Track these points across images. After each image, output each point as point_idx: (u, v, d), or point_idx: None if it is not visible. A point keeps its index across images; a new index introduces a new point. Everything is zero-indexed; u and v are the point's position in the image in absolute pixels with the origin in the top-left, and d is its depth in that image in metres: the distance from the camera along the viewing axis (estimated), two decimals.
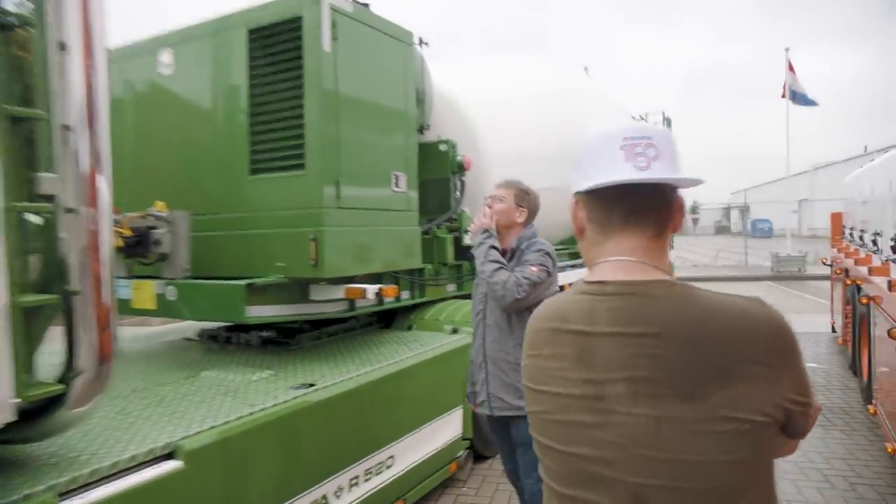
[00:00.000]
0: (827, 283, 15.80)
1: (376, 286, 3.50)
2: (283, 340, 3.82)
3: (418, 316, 4.47)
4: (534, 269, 2.58)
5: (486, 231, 2.71)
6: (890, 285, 3.79)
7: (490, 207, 2.80)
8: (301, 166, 3.26)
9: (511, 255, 2.72)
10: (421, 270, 4.41)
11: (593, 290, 1.04)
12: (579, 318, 1.03)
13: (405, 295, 4.33)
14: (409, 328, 4.39)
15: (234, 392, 2.71)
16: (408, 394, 3.39)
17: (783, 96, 18.37)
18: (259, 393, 2.70)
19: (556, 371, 1.03)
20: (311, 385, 2.83)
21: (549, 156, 5.98)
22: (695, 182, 1.02)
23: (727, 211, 71.82)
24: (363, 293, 3.42)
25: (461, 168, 4.78)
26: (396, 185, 3.83)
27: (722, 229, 70.80)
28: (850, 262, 6.69)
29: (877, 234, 5.22)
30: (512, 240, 2.76)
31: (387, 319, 4.58)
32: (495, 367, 2.69)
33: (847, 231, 8.25)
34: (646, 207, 1.05)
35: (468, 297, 4.93)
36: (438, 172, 4.81)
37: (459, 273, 4.91)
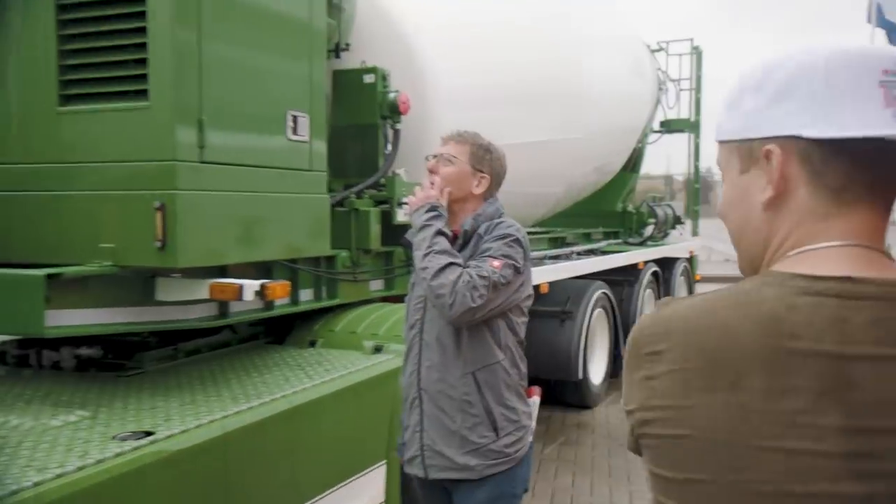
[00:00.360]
0: None
1: (257, 282, 3.34)
2: (113, 362, 3.64)
3: (326, 327, 4.37)
4: (496, 263, 2.48)
5: (431, 209, 2.59)
6: None
7: (434, 172, 2.67)
8: (142, 94, 3.12)
9: (464, 242, 2.63)
10: (331, 260, 4.28)
11: (833, 290, 0.96)
12: (820, 332, 0.93)
13: (306, 295, 4.22)
14: (313, 344, 4.29)
15: (15, 449, 2.50)
16: (304, 445, 3.28)
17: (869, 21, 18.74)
18: (57, 449, 2.50)
19: (782, 415, 0.92)
20: (149, 434, 2.67)
21: (527, 100, 5.99)
22: None
23: None
24: (237, 292, 3.27)
25: (395, 111, 4.70)
26: (294, 132, 3.70)
27: None
28: None
29: None
30: (466, 219, 2.65)
31: (280, 331, 4.49)
32: (434, 406, 2.60)
33: None
34: None
35: (402, 299, 4.82)
36: (360, 116, 4.73)
37: (388, 264, 4.81)
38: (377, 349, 4.09)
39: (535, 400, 2.80)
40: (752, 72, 1.06)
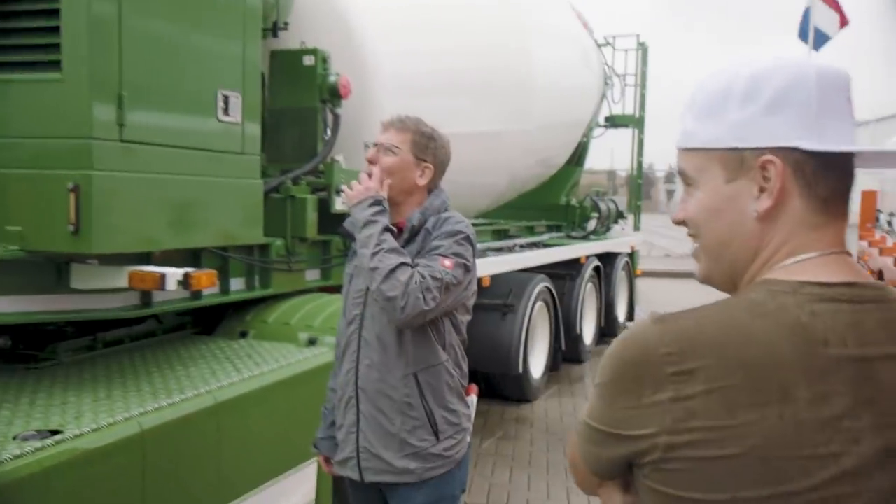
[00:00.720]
0: None
1: (180, 270, 3.15)
2: (24, 353, 3.43)
3: (258, 317, 4.22)
4: (447, 263, 2.36)
5: (375, 202, 2.44)
6: None
7: (374, 163, 2.51)
8: (54, 66, 2.93)
9: (410, 238, 2.48)
10: (265, 248, 4.12)
11: (846, 296, 1.01)
12: (843, 336, 0.98)
13: (237, 285, 4.08)
14: (243, 335, 4.15)
15: None
16: (231, 442, 3.13)
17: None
18: None
19: (828, 422, 0.95)
20: (55, 433, 2.49)
21: (475, 88, 5.87)
22: None
23: None
24: (158, 281, 3.09)
25: (335, 94, 4.54)
26: (225, 112, 3.53)
27: None
28: (887, 262, 6.95)
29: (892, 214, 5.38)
30: (412, 213, 2.51)
31: (209, 322, 4.33)
32: (372, 406, 2.47)
33: (884, 218, 8.61)
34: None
35: (339, 290, 4.67)
36: (298, 98, 4.59)
37: (326, 253, 4.67)
38: (311, 342, 3.96)
39: (473, 398, 2.68)
40: (733, 81, 1.06)
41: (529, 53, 6.73)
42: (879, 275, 7.55)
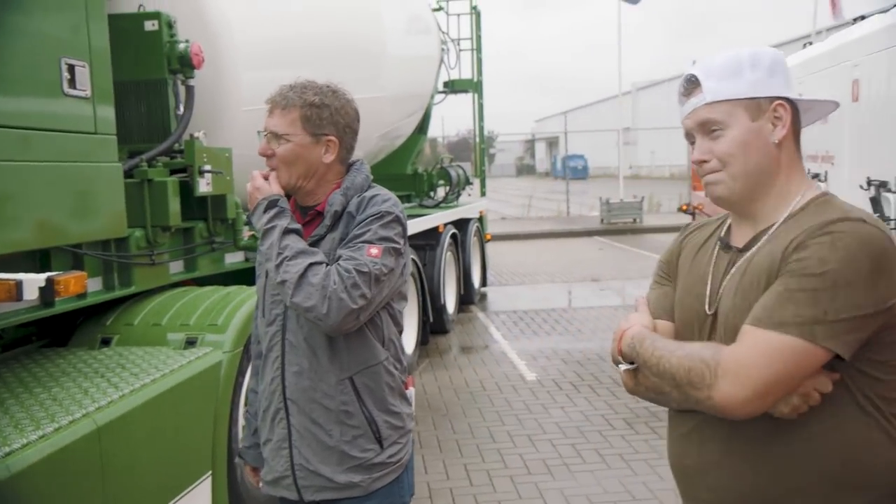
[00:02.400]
0: (668, 237, 17.78)
1: (42, 275, 2.65)
2: None
3: (121, 320, 3.76)
4: (374, 251, 2.05)
5: (269, 205, 2.09)
6: None
7: (268, 156, 2.15)
8: None
9: (333, 224, 2.14)
10: (122, 241, 3.66)
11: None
12: None
13: (94, 285, 3.58)
14: (106, 343, 3.67)
15: None
16: (116, 470, 2.73)
17: None
18: None
19: None
20: None
21: (330, 55, 5.52)
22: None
23: (531, 145, 78.20)
24: (14, 290, 2.57)
25: (187, 64, 4.08)
26: (72, 86, 3.00)
27: (525, 169, 77.00)
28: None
29: None
30: (333, 195, 2.16)
31: (58, 331, 3.81)
32: (305, 418, 2.15)
33: None
34: None
35: (205, 282, 4.24)
36: (143, 70, 4.13)
37: (189, 241, 4.19)
38: (190, 342, 3.53)
39: (412, 391, 2.40)
40: (739, 56, 1.59)
41: (381, 19, 6.42)
42: None
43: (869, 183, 3.63)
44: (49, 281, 2.66)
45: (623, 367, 1.64)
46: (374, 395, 2.15)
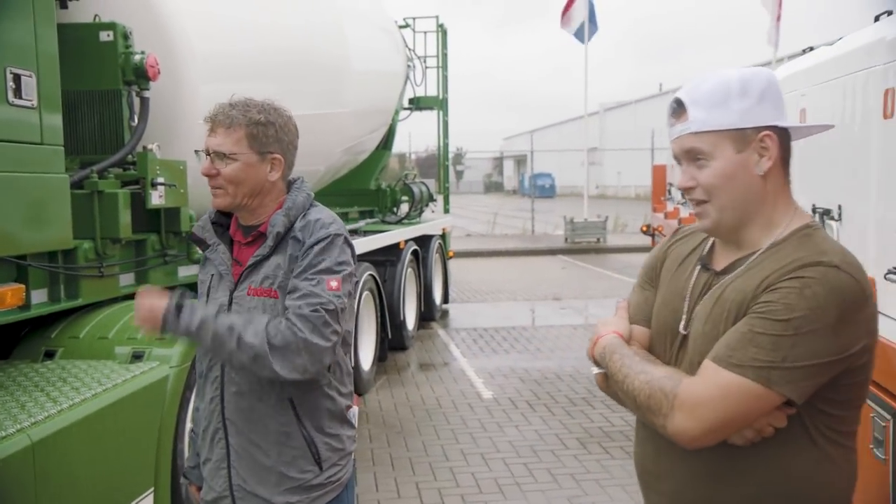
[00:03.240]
0: (631, 257, 18.20)
1: None
2: None
3: (66, 333, 3.71)
4: (333, 283, 2.02)
5: (177, 309, 2.02)
6: None
7: (212, 176, 2.10)
8: None
9: (275, 244, 2.11)
10: (69, 252, 3.61)
11: None
12: None
13: (39, 297, 3.52)
14: (50, 356, 3.62)
15: None
16: (52, 488, 2.68)
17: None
18: None
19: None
20: None
21: (291, 71, 5.52)
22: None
23: (499, 163, 78.61)
24: None
25: (142, 75, 4.07)
26: (17, 95, 2.97)
27: (493, 186, 77.34)
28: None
29: None
30: (275, 216, 2.13)
31: (3, 344, 3.73)
32: (244, 438, 2.13)
33: (674, 189, 9.13)
34: None
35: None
36: (96, 80, 4.11)
37: (141, 254, 4.15)
38: (136, 356, 3.48)
39: (355, 410, 2.38)
40: (728, 83, 1.54)
41: (343, 34, 6.43)
42: None
43: (814, 210, 3.70)
44: None
45: (595, 370, 1.70)
46: (314, 418, 2.13)
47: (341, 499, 2.21)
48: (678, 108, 1.58)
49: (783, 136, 1.55)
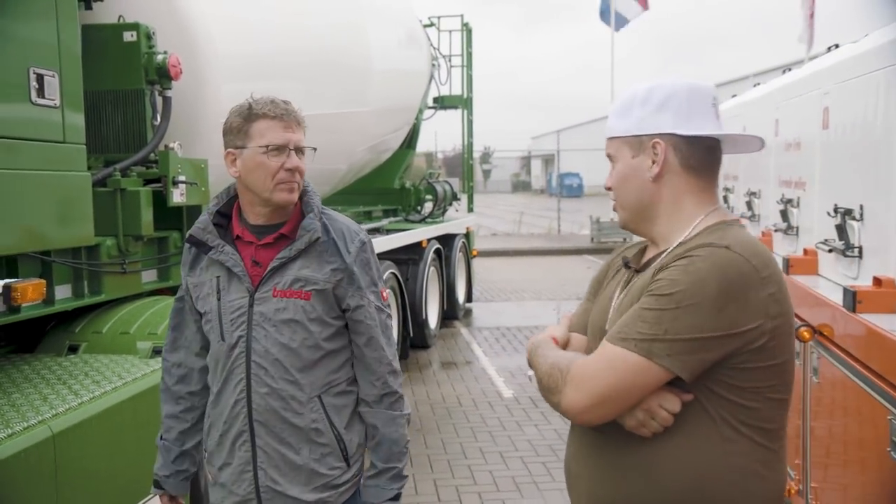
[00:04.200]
0: None
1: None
2: None
3: (90, 328, 3.77)
4: (385, 293, 2.26)
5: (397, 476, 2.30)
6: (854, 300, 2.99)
7: (301, 174, 2.14)
8: None
9: (305, 248, 2.10)
10: (93, 249, 3.67)
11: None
12: None
13: (63, 292, 3.58)
14: (74, 350, 3.69)
15: None
16: (71, 478, 2.73)
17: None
18: None
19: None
20: None
21: (313, 71, 5.56)
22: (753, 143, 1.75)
23: (527, 161, 78.38)
24: None
25: (164, 75, 4.10)
26: (41, 94, 3.02)
27: (521, 185, 77.13)
28: None
29: (752, 193, 5.59)
30: (310, 221, 2.12)
31: (27, 337, 3.81)
32: (274, 438, 2.13)
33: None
34: None
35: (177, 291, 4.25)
36: (120, 80, 4.14)
37: (163, 251, 4.19)
38: (157, 351, 3.53)
39: None
40: (637, 92, 1.65)
41: (366, 34, 6.47)
42: None
43: (835, 210, 3.66)
44: (6, 288, 2.68)
45: (529, 372, 1.74)
46: (341, 415, 2.17)
47: (358, 493, 2.24)
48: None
49: (681, 144, 1.61)
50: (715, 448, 1.51)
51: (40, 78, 3.01)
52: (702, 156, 1.63)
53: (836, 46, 4.54)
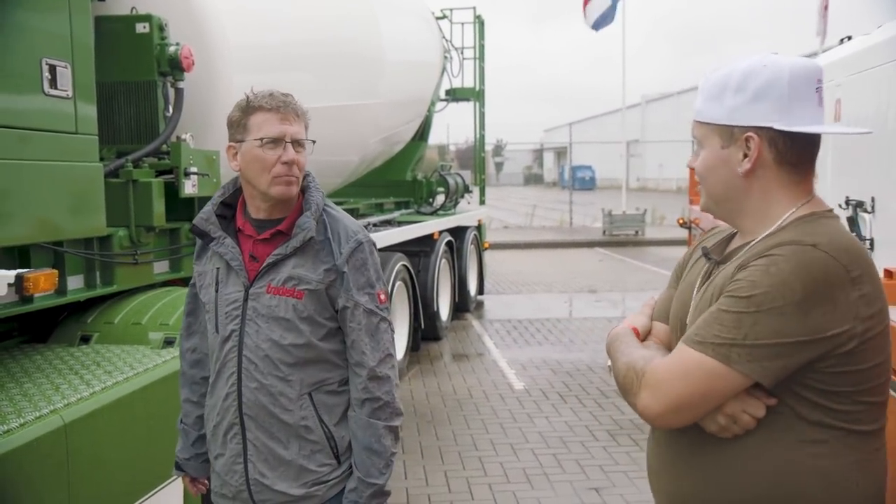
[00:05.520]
0: (669, 251, 18.01)
1: (11, 272, 2.68)
2: None
3: (102, 318, 3.78)
4: (382, 296, 2.16)
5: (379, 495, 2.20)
6: None
7: (300, 167, 2.10)
8: None
9: (300, 246, 2.09)
10: (105, 240, 3.68)
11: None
12: None
13: (75, 283, 3.59)
14: (86, 340, 3.69)
15: None
16: (83, 467, 2.74)
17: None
18: None
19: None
20: None
21: (324, 62, 5.56)
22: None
23: (539, 154, 78.22)
24: None
25: (176, 67, 4.11)
26: (53, 86, 3.04)
27: (533, 178, 77.02)
28: (723, 224, 7.26)
29: None
30: (305, 220, 2.10)
31: (40, 327, 3.82)
32: (263, 433, 2.14)
33: None
34: None
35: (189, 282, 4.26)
36: (133, 72, 4.15)
37: (175, 242, 4.22)
38: (168, 342, 3.55)
39: None
40: (730, 75, 1.51)
41: (377, 25, 6.45)
42: None
43: (847, 202, 3.63)
44: (18, 277, 2.69)
45: (608, 363, 1.69)
46: (334, 412, 2.15)
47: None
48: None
49: (778, 139, 1.48)
50: (800, 450, 1.44)
51: (53, 69, 3.02)
52: (800, 149, 1.49)
53: (849, 38, 4.50)
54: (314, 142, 2.17)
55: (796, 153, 1.49)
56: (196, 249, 2.28)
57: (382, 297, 2.15)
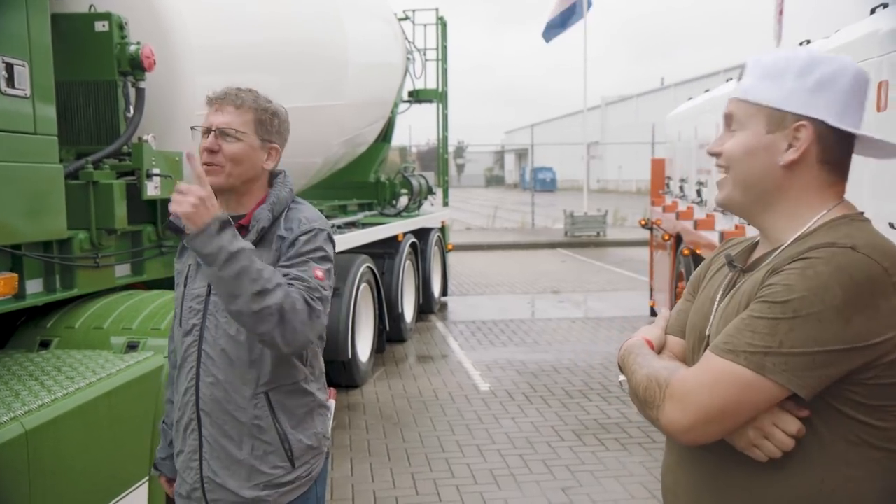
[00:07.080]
0: (630, 251, 18.20)
1: None
2: None
3: (62, 323, 3.70)
4: (319, 273, 2.03)
5: (221, 225, 1.90)
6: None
7: (215, 152, 2.05)
8: None
9: (257, 240, 2.07)
10: (65, 242, 3.60)
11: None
12: None
13: (34, 287, 3.51)
14: (45, 345, 3.61)
15: None
16: (45, 476, 2.67)
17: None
18: None
19: None
20: None
21: (288, 62, 5.49)
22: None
23: (501, 156, 78.52)
24: None
25: (137, 66, 4.03)
26: (10, 85, 2.97)
27: (494, 179, 77.29)
28: (686, 225, 7.31)
29: (701, 183, 5.63)
30: (260, 210, 2.10)
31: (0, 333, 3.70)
32: (217, 430, 2.11)
33: (672, 183, 9.08)
34: None
35: (151, 286, 4.19)
36: (92, 71, 4.07)
37: (136, 245, 4.13)
38: (132, 346, 3.48)
39: (332, 403, 2.37)
40: (794, 57, 1.40)
41: (343, 25, 6.41)
42: (678, 238, 7.94)
43: (892, 226, 3.66)
44: None
45: (621, 378, 1.58)
46: (290, 414, 2.12)
47: (310, 494, 2.18)
48: (742, 71, 1.49)
49: (827, 135, 1.38)
50: (834, 472, 1.32)
51: (10, 67, 2.94)
52: (842, 151, 1.41)
53: (808, 42, 4.58)
54: (237, 131, 2.07)
55: (838, 154, 1.41)
56: (179, 248, 2.27)
57: (319, 273, 2.04)
